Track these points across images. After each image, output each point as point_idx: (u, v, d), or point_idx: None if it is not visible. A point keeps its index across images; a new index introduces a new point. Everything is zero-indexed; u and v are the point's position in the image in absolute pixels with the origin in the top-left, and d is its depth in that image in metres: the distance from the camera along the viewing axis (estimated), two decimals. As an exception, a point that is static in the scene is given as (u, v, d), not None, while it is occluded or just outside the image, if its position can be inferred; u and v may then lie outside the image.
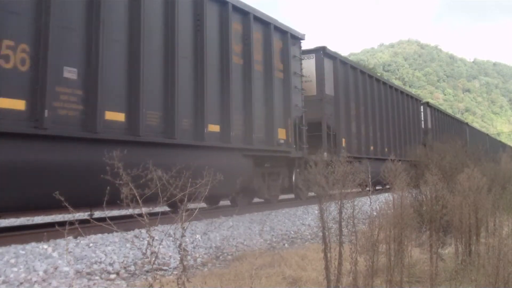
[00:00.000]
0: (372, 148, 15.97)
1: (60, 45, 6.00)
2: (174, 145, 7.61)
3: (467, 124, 33.54)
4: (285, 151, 10.68)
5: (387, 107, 17.75)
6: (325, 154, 11.82)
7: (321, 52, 13.22)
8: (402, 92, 19.96)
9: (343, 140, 13.76)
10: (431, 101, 28.49)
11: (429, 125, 22.97)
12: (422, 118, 22.41)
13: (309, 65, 12.83)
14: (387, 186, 3.78)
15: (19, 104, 5.49)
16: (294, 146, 11.01)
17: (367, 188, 4.38)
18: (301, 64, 11.75)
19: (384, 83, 17.97)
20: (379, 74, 26.34)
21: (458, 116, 44.27)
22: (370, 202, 4.25)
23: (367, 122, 15.75)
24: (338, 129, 13.45)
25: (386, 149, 16.90)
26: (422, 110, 22.56)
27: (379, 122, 16.73)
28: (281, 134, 10.62)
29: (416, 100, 21.96)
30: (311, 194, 11.54)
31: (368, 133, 15.76)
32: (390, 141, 17.59)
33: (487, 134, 46.18)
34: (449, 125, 26.66)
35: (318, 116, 12.64)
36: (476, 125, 70.55)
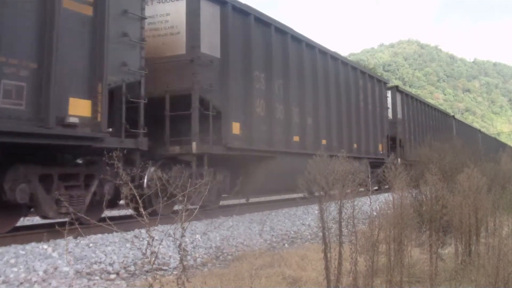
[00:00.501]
0: (297, 139, 11.11)
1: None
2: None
3: (453, 117, 29.44)
4: (81, 137, 6.30)
5: (327, 85, 12.87)
6: (194, 144, 8.08)
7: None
8: (354, 68, 15.17)
9: (235, 125, 9.21)
10: (432, 101, 26.54)
11: (399, 115, 19.04)
12: (389, 106, 17.99)
13: (176, 10, 8.71)
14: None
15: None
16: (110, 129, 6.64)
17: (367, 188, 4.38)
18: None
19: (323, 52, 12.87)
20: (379, 74, 23.99)
21: (458, 116, 41.72)
22: (370, 202, 4.25)
23: (288, 103, 10.80)
24: (226, 107, 8.94)
25: (323, 142, 12.31)
26: (389, 95, 18.13)
27: (312, 104, 11.92)
28: (78, 107, 6.27)
29: (378, 81, 17.00)
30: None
31: (290, 117, 10.85)
32: (331, 131, 12.83)
33: (479, 130, 40.47)
34: (428, 117, 22.92)
35: (187, 86, 8.35)
36: (476, 125, 69.58)
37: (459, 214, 4.79)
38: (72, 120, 6.06)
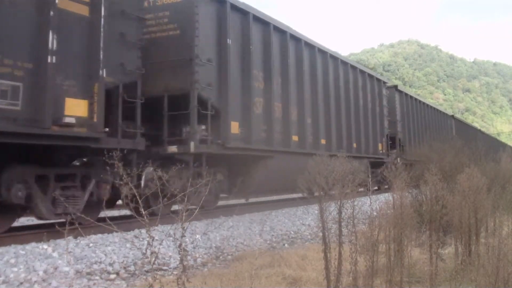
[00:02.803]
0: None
1: None
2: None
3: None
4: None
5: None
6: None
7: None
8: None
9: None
10: (432, 101, 26.40)
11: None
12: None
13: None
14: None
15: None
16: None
17: (368, 188, 4.38)
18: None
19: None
20: (379, 74, 22.85)
21: (458, 116, 41.49)
22: (370, 202, 4.25)
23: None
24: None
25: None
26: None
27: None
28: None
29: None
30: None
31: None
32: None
33: (479, 130, 40.01)
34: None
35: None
36: (476, 125, 69.46)
37: (459, 214, 4.79)
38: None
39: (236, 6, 9.41)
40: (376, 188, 15.66)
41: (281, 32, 10.90)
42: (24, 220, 9.32)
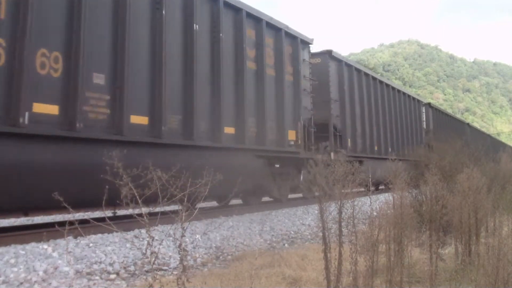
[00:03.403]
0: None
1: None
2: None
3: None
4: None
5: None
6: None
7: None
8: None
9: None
10: (432, 101, 28.16)
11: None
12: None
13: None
14: (390, 186, 3.69)
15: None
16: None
17: (368, 188, 4.38)
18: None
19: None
20: (379, 74, 26.21)
21: (458, 116, 43.47)
22: (370, 202, 4.25)
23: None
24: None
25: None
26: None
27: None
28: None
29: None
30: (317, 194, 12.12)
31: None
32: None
33: (489, 135, 46.31)
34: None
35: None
36: (476, 125, 70.33)
37: (459, 214, 4.79)
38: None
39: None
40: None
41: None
42: (24, 220, 9.33)
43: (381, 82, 17.64)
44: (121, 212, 8.67)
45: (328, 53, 13.93)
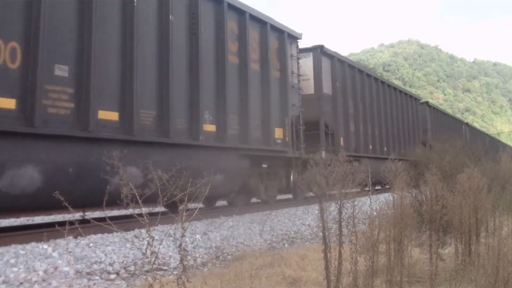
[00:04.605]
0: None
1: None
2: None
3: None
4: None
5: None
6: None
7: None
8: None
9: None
10: (431, 101, 27.84)
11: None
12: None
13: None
14: (387, 186, 3.71)
15: None
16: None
17: (367, 188, 4.38)
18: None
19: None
20: (379, 74, 25.95)
21: (458, 116, 43.12)
22: (370, 202, 4.25)
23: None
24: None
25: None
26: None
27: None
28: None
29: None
30: (310, 194, 11.24)
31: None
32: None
33: (487, 134, 45.66)
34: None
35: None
36: (476, 125, 70.18)
37: (459, 214, 4.79)
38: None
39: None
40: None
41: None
42: (24, 220, 9.34)
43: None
44: (120, 212, 8.68)
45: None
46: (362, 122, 15.28)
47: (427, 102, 23.75)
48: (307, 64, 12.83)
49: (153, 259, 2.43)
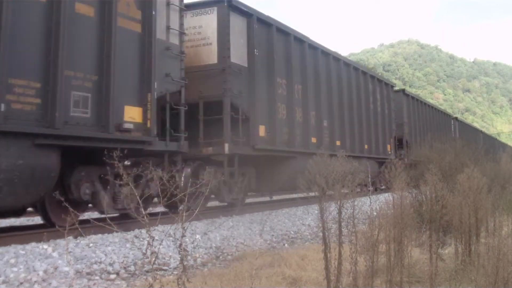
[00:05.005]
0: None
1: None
2: None
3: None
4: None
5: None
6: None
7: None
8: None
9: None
10: (431, 101, 26.89)
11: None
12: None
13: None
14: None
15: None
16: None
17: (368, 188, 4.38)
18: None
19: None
20: (379, 74, 23.00)
21: (458, 116, 41.71)
22: (370, 202, 4.26)
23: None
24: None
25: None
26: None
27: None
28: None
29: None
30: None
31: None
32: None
33: (481, 131, 40.54)
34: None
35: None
36: (476, 125, 69.53)
37: (459, 214, 4.79)
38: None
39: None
40: (383, 187, 15.99)
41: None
42: (24, 220, 9.33)
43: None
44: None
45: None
46: (302, 108, 11.32)
47: (403, 90, 20.44)
48: (209, 23, 9.35)
49: (153, 259, 2.43)
